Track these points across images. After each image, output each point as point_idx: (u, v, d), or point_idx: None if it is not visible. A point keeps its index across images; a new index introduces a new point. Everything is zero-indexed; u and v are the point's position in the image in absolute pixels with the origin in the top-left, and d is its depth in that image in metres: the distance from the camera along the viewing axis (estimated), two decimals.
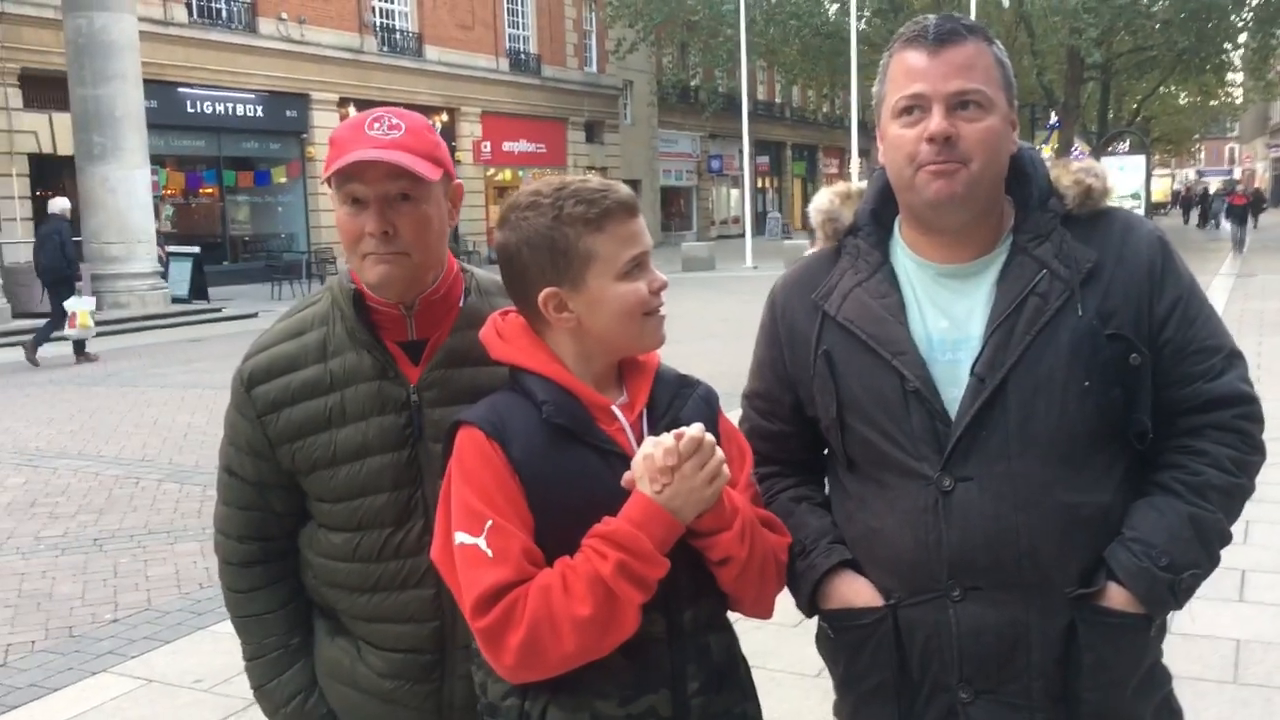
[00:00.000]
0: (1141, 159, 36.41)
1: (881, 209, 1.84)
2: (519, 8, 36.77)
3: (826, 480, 1.95)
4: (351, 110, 28.92)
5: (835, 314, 1.80)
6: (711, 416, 1.73)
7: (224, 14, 26.66)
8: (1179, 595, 1.68)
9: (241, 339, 16.65)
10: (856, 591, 1.79)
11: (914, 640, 1.75)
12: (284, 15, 27.51)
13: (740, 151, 32.12)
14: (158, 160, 23.44)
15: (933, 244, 1.78)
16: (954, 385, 1.71)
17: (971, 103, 1.67)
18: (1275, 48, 38.90)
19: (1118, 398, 1.69)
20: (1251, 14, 35.66)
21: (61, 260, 14.91)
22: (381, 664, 1.88)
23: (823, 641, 1.90)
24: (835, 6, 36.28)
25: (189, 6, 25.59)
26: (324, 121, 28.70)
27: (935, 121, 1.66)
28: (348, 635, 1.93)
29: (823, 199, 1.92)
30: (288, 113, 28.11)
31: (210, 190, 27.23)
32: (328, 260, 26.31)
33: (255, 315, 19.77)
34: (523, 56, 36.68)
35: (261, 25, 27.14)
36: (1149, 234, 1.77)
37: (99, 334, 16.01)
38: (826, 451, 1.92)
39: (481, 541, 1.56)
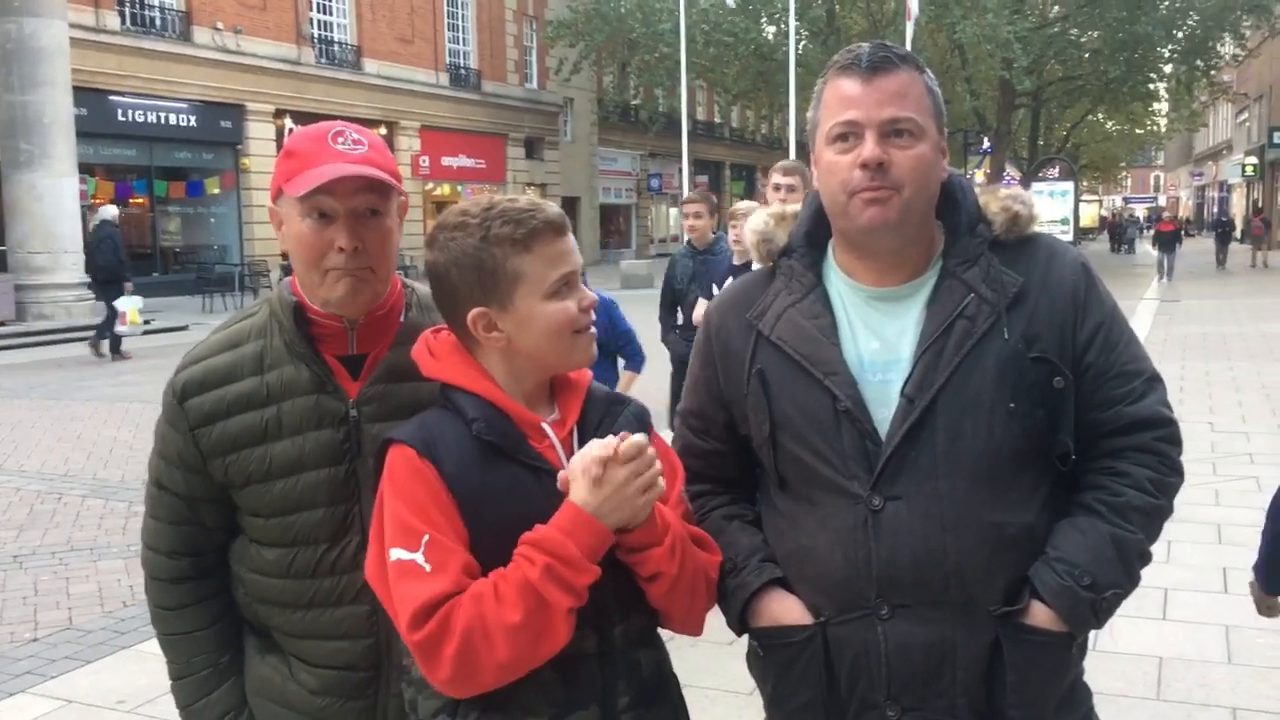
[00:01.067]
0: (1070, 185, 37.21)
1: (815, 231, 1.87)
2: (459, 22, 36.66)
3: (758, 499, 1.97)
4: (288, 122, 28.65)
5: (769, 334, 1.82)
6: (643, 433, 1.74)
7: (158, 22, 26.23)
8: (1100, 614, 1.72)
9: (171, 352, 16.39)
10: (786, 609, 1.81)
11: (843, 658, 1.77)
12: (219, 25, 27.14)
13: (679, 170, 32.25)
14: (87, 169, 22.99)
15: (865, 267, 1.81)
16: (884, 405, 1.74)
17: (904, 131, 1.71)
18: (1198, 79, 40.11)
19: (1041, 419, 1.72)
20: (1177, 46, 36.71)
21: (115, 261, 15.91)
22: (314, 681, 1.86)
23: (753, 660, 1.92)
24: (773, 29, 36.71)
25: (122, 14, 25.14)
26: (259, 133, 28.36)
27: (869, 148, 1.69)
28: (279, 652, 1.90)
29: (758, 220, 1.95)
30: (222, 123, 27.68)
31: (141, 200, 26.71)
32: (261, 273, 25.94)
33: (186, 328, 19.43)
34: (463, 71, 36.57)
35: (196, 34, 26.74)
36: (1073, 260, 1.82)
37: (21, 345, 15.65)
38: (758, 470, 1.94)
39: (419, 556, 1.55)
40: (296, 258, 1.78)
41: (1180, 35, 36.41)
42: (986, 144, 38.92)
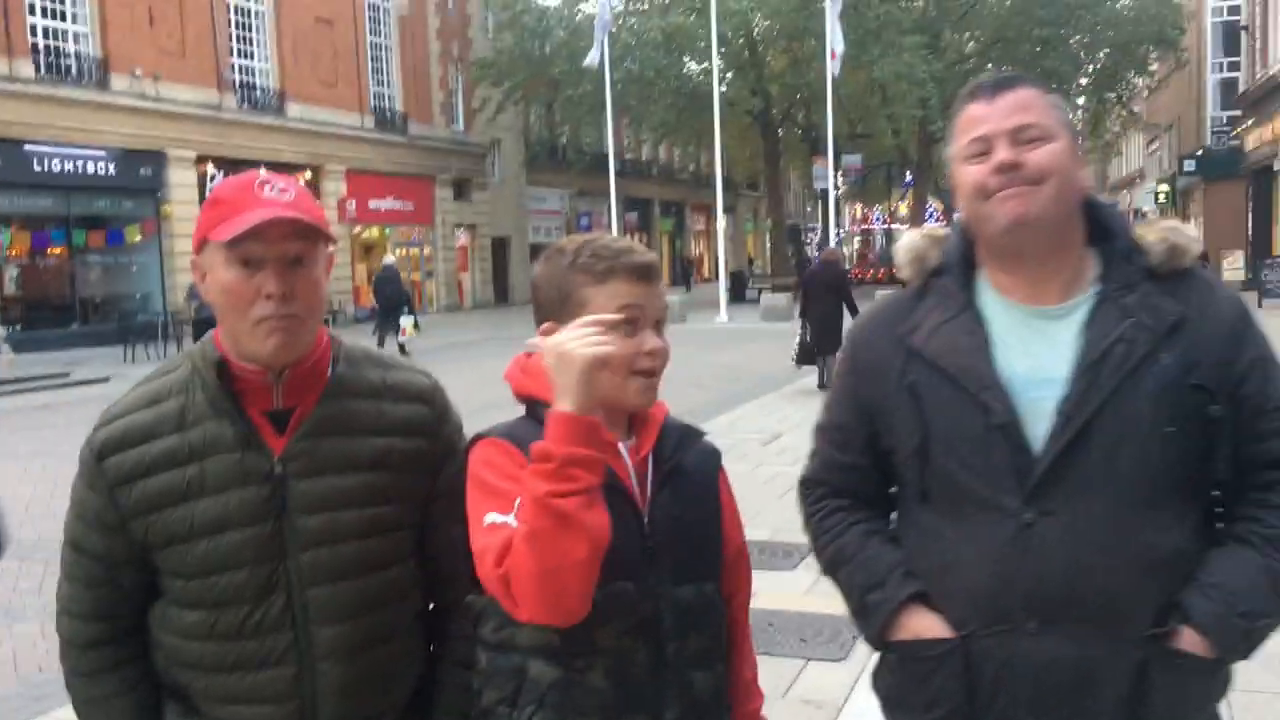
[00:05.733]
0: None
1: (967, 252, 1.91)
2: (383, 65, 36.58)
3: (895, 516, 1.99)
4: (210, 168, 28.30)
5: (921, 348, 1.85)
6: (713, 469, 1.84)
7: (74, 70, 25.78)
8: (1251, 643, 1.76)
9: (92, 405, 15.93)
10: (927, 624, 1.83)
11: (984, 672, 1.78)
12: (138, 71, 26.77)
13: (609, 208, 32.42)
14: (2, 220, 22.45)
15: (1018, 284, 1.84)
16: (1037, 422, 1.76)
17: (1033, 136, 1.77)
18: (1109, 110, 41.34)
19: (1198, 446, 1.75)
20: (1088, 79, 37.87)
21: (400, 295, 22.71)
22: None
23: (883, 674, 1.93)
24: (695, 66, 37.18)
25: (36, 63, 24.68)
26: (181, 179, 27.95)
27: (1000, 153, 1.76)
28: (199, 717, 1.85)
29: (911, 239, 2.00)
30: (142, 171, 27.23)
31: (59, 250, 26.12)
32: (185, 322, 25.48)
33: (107, 380, 18.96)
34: (388, 114, 36.45)
35: (114, 81, 26.34)
36: (1231, 296, 1.87)
37: None
38: (894, 489, 1.96)
39: (511, 518, 1.59)
40: (223, 308, 1.75)
41: (1091, 70, 37.56)
42: (909, 177, 39.68)
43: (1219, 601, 1.72)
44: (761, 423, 11.65)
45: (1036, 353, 1.81)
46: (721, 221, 32.83)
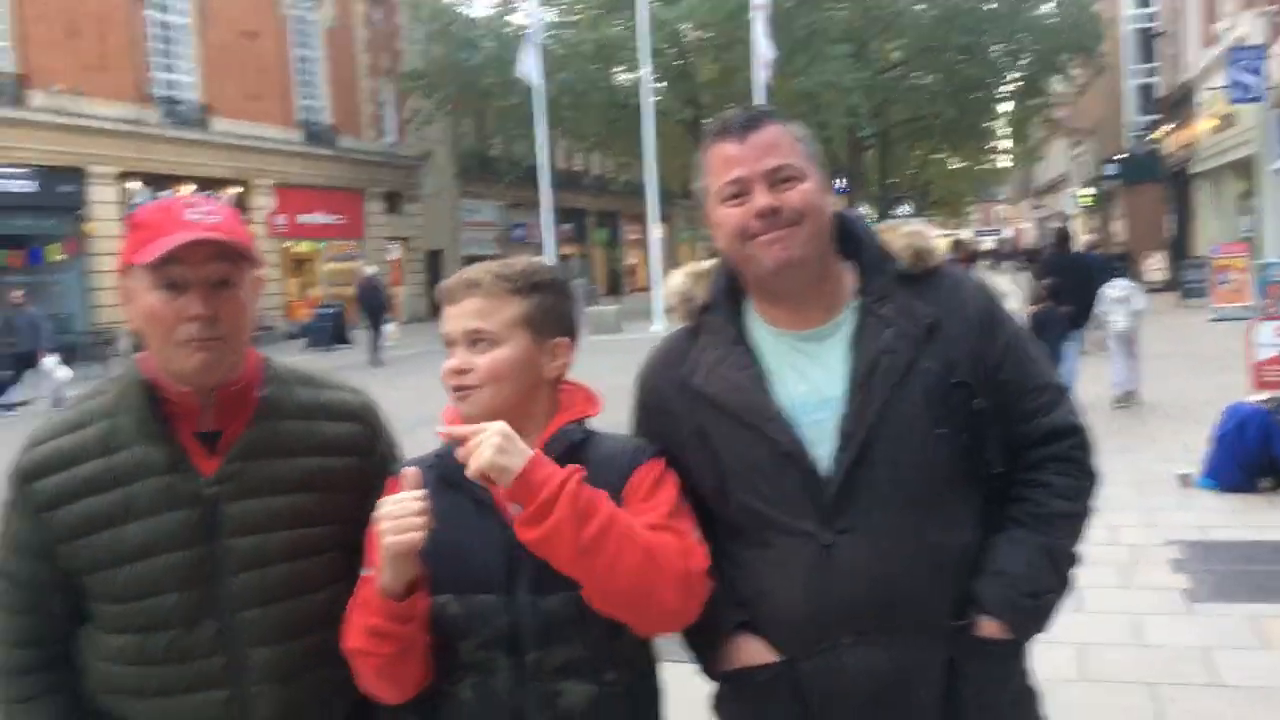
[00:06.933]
0: (922, 221, 38.56)
1: (731, 285, 1.97)
2: (311, 78, 36.12)
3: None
4: (135, 185, 27.74)
5: (703, 389, 1.90)
6: (617, 472, 1.80)
7: None
8: (1042, 619, 1.88)
9: (11, 429, 15.56)
10: (752, 651, 1.88)
11: (813, 691, 1.85)
12: (57, 87, 26.16)
13: (541, 220, 32.36)
14: None
15: (782, 312, 1.91)
16: (821, 444, 1.83)
17: (788, 176, 1.84)
18: (1032, 116, 42.17)
19: (968, 441, 1.84)
20: (1012, 86, 38.59)
21: (382, 303, 24.51)
22: None
23: (722, 704, 1.98)
24: (626, 76, 37.27)
25: None
26: (102, 196, 27.37)
27: (759, 198, 1.83)
28: None
29: (676, 280, 2.04)
30: (62, 188, 26.62)
31: None
32: (107, 341, 24.93)
33: (27, 403, 18.49)
34: (317, 127, 36.01)
35: (32, 98, 25.71)
36: (977, 287, 1.97)
37: None
38: (708, 523, 1.95)
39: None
40: (148, 332, 1.74)
41: (1013, 77, 38.29)
42: (842, 183, 40.14)
43: (1007, 586, 1.83)
44: None
45: (810, 376, 1.88)
46: (656, 231, 32.90)
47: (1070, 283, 11.59)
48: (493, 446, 1.59)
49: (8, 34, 25.46)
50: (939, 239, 2.00)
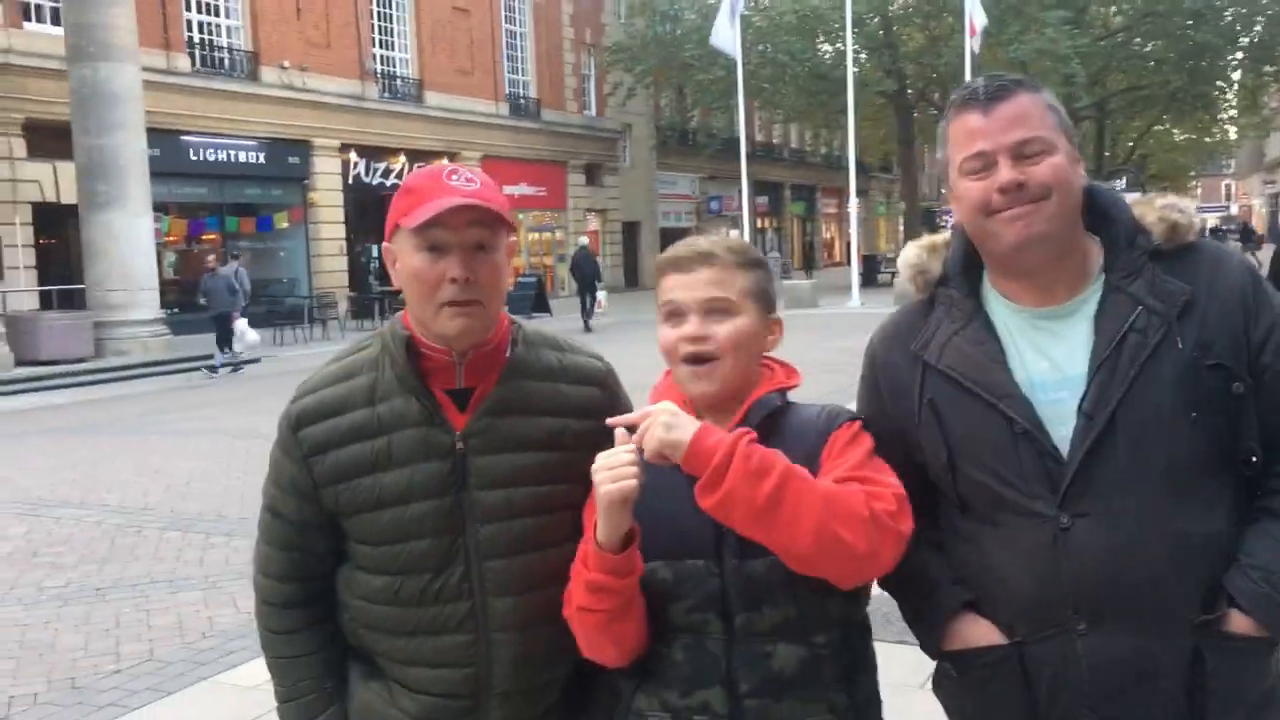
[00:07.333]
0: (1138, 196, 36.53)
1: (969, 258, 1.91)
2: (518, 53, 37.15)
3: (941, 525, 1.99)
4: (353, 156, 29.21)
5: (936, 363, 1.86)
6: (814, 436, 1.80)
7: (226, 63, 26.94)
8: None
9: (243, 385, 16.73)
10: (979, 632, 1.84)
11: (1041, 675, 1.79)
12: (286, 64, 27.79)
13: (739, 192, 32.28)
14: (160, 207, 23.56)
15: (1023, 288, 1.84)
16: (1061, 424, 1.76)
17: (1034, 151, 1.75)
18: (1267, 84, 39.21)
19: (1223, 426, 1.74)
20: (1244, 53, 35.98)
21: (595, 271, 26.06)
22: (414, 707, 1.90)
23: (943, 684, 1.95)
24: (829, 48, 36.66)
25: (192, 56, 25.86)
26: (325, 167, 28.93)
27: (1004, 173, 1.75)
28: (382, 678, 1.95)
29: (910, 253, 2.01)
30: (289, 159, 28.32)
31: (213, 236, 27.35)
32: (329, 305, 26.38)
33: (258, 361, 19.78)
34: (522, 101, 37.01)
35: (264, 74, 27.41)
36: (1239, 264, 1.84)
37: (101, 381, 16.07)
38: (938, 497, 1.95)
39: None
40: (410, 291, 1.84)
41: (1246, 42, 35.68)
42: None
43: (1260, 581, 1.72)
44: None
45: (1051, 354, 1.80)
46: (854, 204, 32.38)
47: None
48: (661, 425, 1.64)
49: (242, 12, 27.19)
50: (1196, 213, 1.87)
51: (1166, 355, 1.73)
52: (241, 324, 18.86)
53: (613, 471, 1.65)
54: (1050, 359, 1.80)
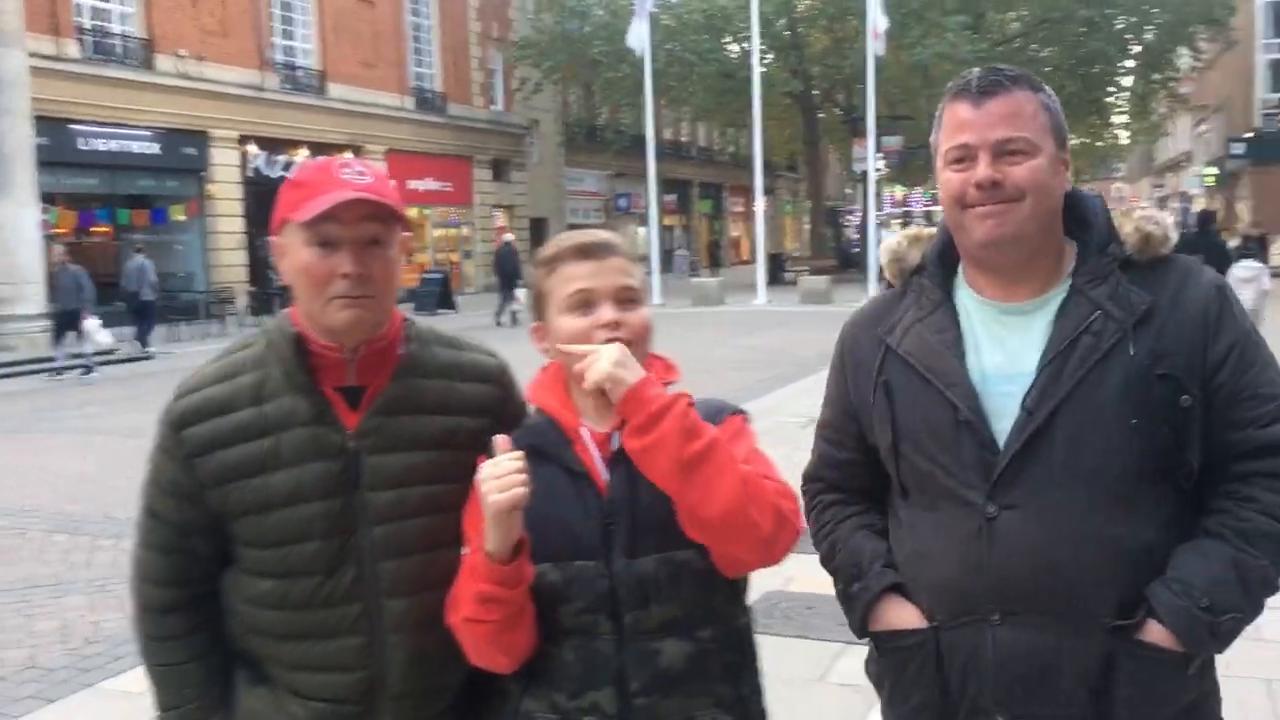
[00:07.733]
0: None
1: (947, 251, 1.93)
2: (424, 46, 36.67)
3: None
4: (253, 148, 28.53)
5: (896, 347, 1.90)
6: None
7: (119, 50, 26.03)
8: (1219, 638, 1.75)
9: (134, 383, 16.22)
10: (902, 615, 1.88)
11: (954, 662, 1.82)
12: (182, 52, 26.99)
13: (647, 190, 32.37)
14: (48, 199, 22.75)
15: (991, 282, 1.87)
16: (1005, 417, 1.79)
17: (1016, 150, 1.77)
18: (1156, 91, 40.68)
19: (1166, 437, 1.74)
20: (1135, 60, 37.25)
21: (517, 269, 24.47)
22: (304, 713, 1.85)
23: (871, 662, 2.00)
24: (737, 48, 36.97)
25: (82, 42, 24.94)
26: (223, 159, 28.20)
27: (980, 169, 1.77)
28: (268, 684, 1.89)
29: (892, 241, 2.04)
30: (185, 150, 27.49)
31: (104, 229, 26.43)
32: (228, 300, 25.74)
33: (151, 357, 19.23)
34: (428, 94, 36.54)
35: (159, 62, 26.58)
36: (1208, 281, 1.84)
37: None
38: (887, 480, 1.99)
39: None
40: (299, 287, 1.79)
41: (1137, 50, 36.96)
42: None
43: (1181, 595, 1.72)
44: (800, 406, 11.61)
45: (1008, 347, 1.83)
46: (761, 203, 32.70)
47: (1208, 264, 11.31)
48: (611, 359, 1.66)
49: None
50: (1172, 227, 1.89)
51: (1117, 360, 1.74)
52: (92, 323, 17.79)
53: (500, 480, 1.65)
54: (1006, 352, 1.83)
